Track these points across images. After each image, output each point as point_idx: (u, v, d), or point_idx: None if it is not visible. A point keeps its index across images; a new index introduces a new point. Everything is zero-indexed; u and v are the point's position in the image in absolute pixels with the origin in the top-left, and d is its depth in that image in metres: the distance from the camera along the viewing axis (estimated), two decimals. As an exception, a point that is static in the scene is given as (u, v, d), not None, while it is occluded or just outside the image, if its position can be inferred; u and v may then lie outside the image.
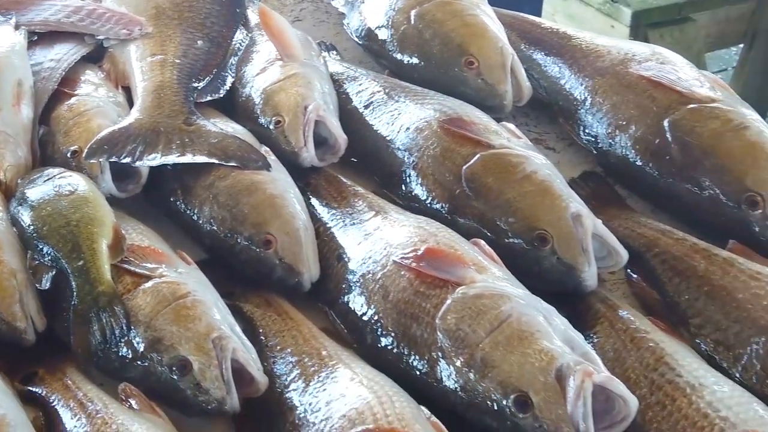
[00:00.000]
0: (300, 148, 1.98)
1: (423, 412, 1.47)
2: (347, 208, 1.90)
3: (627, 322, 1.68)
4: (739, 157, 1.86)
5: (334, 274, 1.78)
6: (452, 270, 1.63)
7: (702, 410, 1.46)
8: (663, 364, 1.56)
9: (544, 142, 2.25)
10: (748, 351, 1.60)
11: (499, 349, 1.49)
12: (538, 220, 1.77)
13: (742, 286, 1.69)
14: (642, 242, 1.87)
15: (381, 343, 1.63)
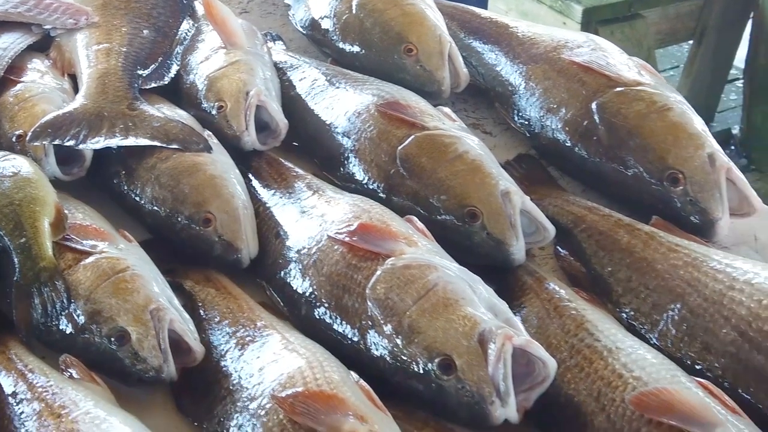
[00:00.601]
0: (242, 132, 2.04)
1: (352, 376, 1.54)
2: (287, 188, 1.97)
3: (552, 292, 1.75)
4: (662, 137, 1.94)
5: (271, 251, 1.84)
6: (383, 243, 1.69)
7: (617, 371, 1.54)
8: (583, 330, 1.64)
9: (481, 126, 2.33)
10: (665, 318, 1.68)
11: (425, 316, 1.56)
12: (468, 197, 1.84)
13: (661, 257, 1.77)
14: (570, 219, 1.95)
15: (315, 314, 1.69)
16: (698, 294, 1.66)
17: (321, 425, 1.40)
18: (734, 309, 1.60)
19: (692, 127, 1.96)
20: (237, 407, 1.51)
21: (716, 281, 1.66)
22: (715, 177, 1.89)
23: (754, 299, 1.59)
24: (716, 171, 1.89)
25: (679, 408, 1.43)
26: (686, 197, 1.89)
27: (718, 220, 1.87)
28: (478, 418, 1.49)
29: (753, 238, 1.98)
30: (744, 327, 1.57)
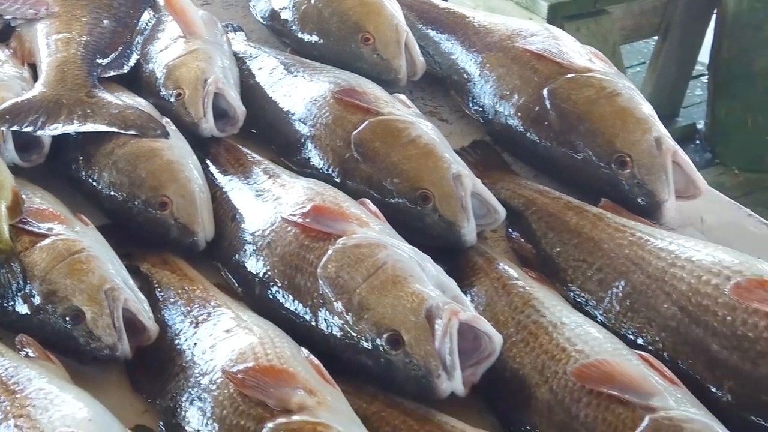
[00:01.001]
0: (199, 119, 2.07)
1: (302, 352, 1.57)
2: (244, 174, 2.00)
3: (501, 272, 1.80)
4: (610, 121, 1.99)
5: (227, 234, 1.88)
6: (335, 224, 1.73)
7: (561, 345, 1.58)
8: (529, 306, 1.68)
9: (438, 114, 2.37)
10: (609, 294, 1.73)
11: (374, 293, 1.60)
12: (421, 180, 1.88)
13: (608, 237, 1.81)
14: (521, 202, 1.99)
15: (268, 293, 1.73)
16: (642, 271, 1.71)
17: (270, 398, 1.43)
18: (675, 285, 1.64)
19: (640, 112, 2.01)
20: (189, 383, 1.54)
21: (659, 259, 1.71)
22: (661, 160, 1.93)
23: (694, 275, 1.64)
24: (663, 154, 1.94)
25: (618, 378, 1.48)
26: (633, 180, 1.94)
27: (665, 201, 1.92)
28: (426, 391, 1.53)
29: (699, 219, 2.03)
30: (684, 302, 1.61)
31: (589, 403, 1.47)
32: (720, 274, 1.61)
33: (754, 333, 1.51)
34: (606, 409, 1.45)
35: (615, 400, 1.45)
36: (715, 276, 1.61)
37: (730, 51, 5.15)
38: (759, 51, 5.02)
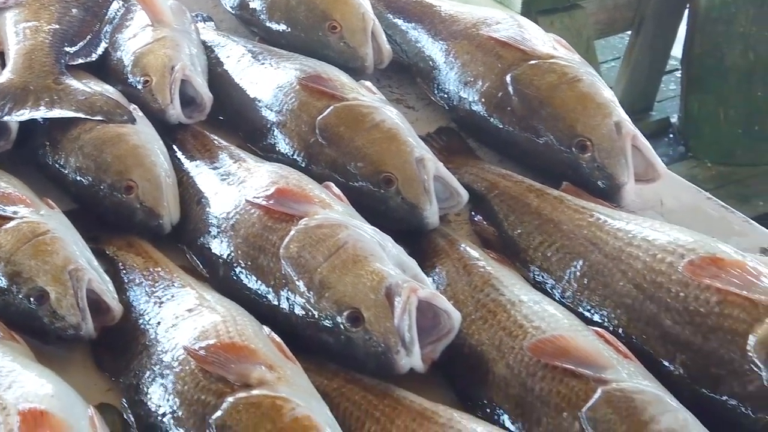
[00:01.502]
0: (167, 105, 2.09)
1: (264, 330, 1.60)
2: (210, 159, 2.02)
3: (463, 253, 1.83)
4: (572, 106, 2.03)
5: (193, 217, 1.90)
6: (298, 206, 1.76)
7: (518, 322, 1.61)
8: (489, 285, 1.71)
9: (404, 101, 2.40)
10: (568, 274, 1.76)
11: (335, 272, 1.63)
12: (384, 163, 1.91)
13: (568, 219, 1.85)
14: (484, 185, 2.03)
15: (232, 274, 1.75)
16: (599, 251, 1.74)
17: (231, 373, 1.46)
18: (631, 263, 1.68)
19: (601, 97, 2.04)
20: (152, 360, 1.57)
21: (616, 239, 1.74)
22: (621, 144, 1.97)
23: (649, 254, 1.67)
24: (622, 138, 1.97)
25: (573, 353, 1.51)
26: (594, 163, 1.97)
27: (624, 184, 1.95)
28: (385, 367, 1.56)
29: (659, 203, 2.06)
30: (639, 279, 1.65)
31: (544, 377, 1.51)
32: (674, 252, 1.65)
33: (706, 308, 1.54)
34: (560, 382, 1.49)
35: (569, 373, 1.49)
36: (670, 254, 1.65)
37: (702, 46, 5.19)
38: (730, 45, 5.07)
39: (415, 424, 1.48)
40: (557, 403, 1.47)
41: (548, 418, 1.47)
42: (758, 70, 5.06)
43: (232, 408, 1.41)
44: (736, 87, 5.13)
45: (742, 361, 1.48)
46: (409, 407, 1.52)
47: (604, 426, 1.41)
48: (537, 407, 1.49)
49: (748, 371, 1.47)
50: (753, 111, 5.16)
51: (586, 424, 1.42)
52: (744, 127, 5.22)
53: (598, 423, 1.41)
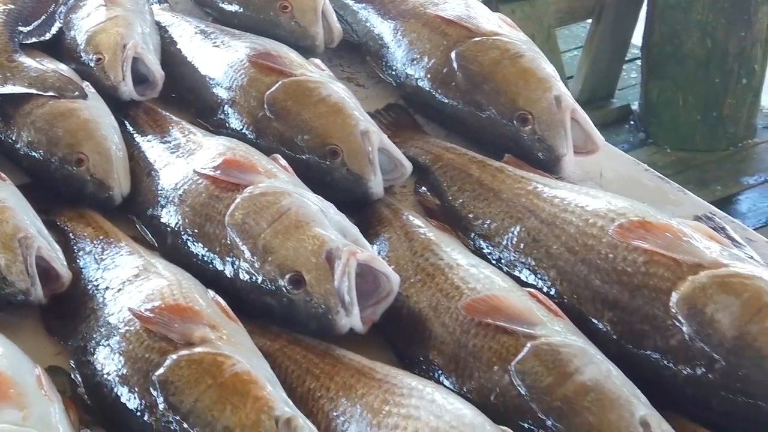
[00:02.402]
0: (119, 82, 2.13)
1: (209, 293, 1.65)
2: (161, 133, 2.07)
3: (405, 221, 1.89)
4: (513, 81, 2.09)
5: (143, 189, 1.95)
6: (244, 176, 1.81)
7: (455, 284, 1.67)
8: (428, 251, 1.77)
9: (355, 80, 2.46)
10: (505, 239, 1.82)
11: (278, 237, 1.68)
12: (329, 136, 1.97)
13: (507, 188, 1.91)
14: (429, 158, 2.09)
15: (179, 242, 1.80)
16: (535, 217, 1.81)
17: (174, 333, 1.51)
18: (564, 228, 1.74)
19: (542, 72, 2.10)
20: (99, 323, 1.62)
21: (552, 206, 1.81)
22: (560, 117, 2.03)
23: (582, 219, 1.74)
24: (562, 111, 2.04)
25: (505, 311, 1.57)
26: (534, 136, 2.04)
27: (564, 156, 2.02)
28: (326, 327, 1.62)
29: (599, 174, 2.13)
30: (572, 243, 1.71)
31: (477, 334, 1.57)
32: (605, 217, 1.71)
33: (633, 268, 1.61)
34: (492, 338, 1.55)
35: (501, 330, 1.55)
36: (601, 219, 1.71)
37: (661, 33, 5.29)
38: (688, 32, 5.17)
39: (353, 380, 1.54)
40: (489, 358, 1.53)
41: (480, 373, 1.53)
42: (715, 57, 5.16)
43: (175, 365, 1.47)
44: (694, 74, 5.23)
45: (665, 317, 1.55)
46: (348, 365, 1.58)
47: (532, 378, 1.47)
48: (470, 363, 1.55)
49: (671, 326, 1.54)
50: (710, 97, 5.27)
51: (515, 377, 1.48)
52: (702, 114, 5.32)
53: (526, 375, 1.48)
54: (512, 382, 1.49)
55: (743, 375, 1.47)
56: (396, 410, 1.44)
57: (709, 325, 1.50)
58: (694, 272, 1.56)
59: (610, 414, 1.42)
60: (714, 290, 1.53)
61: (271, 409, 1.41)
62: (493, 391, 1.50)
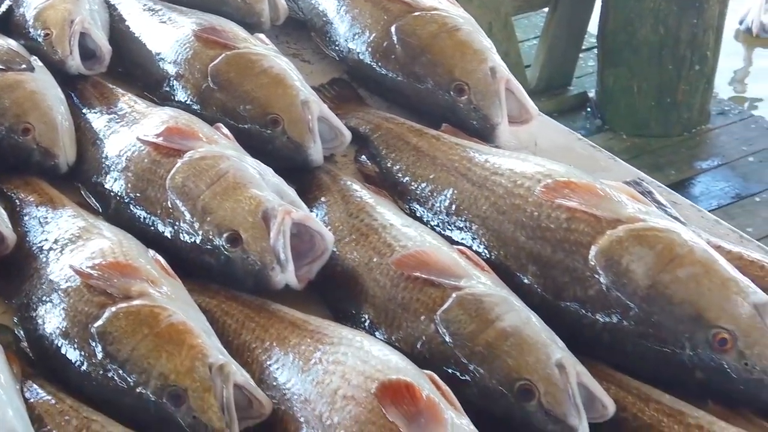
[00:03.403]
0: (66, 56, 2.18)
1: (149, 252, 1.71)
2: (107, 105, 2.12)
3: (343, 186, 1.96)
4: (450, 53, 2.16)
5: (88, 157, 2.00)
6: (185, 142, 1.87)
7: (387, 242, 1.74)
8: (364, 212, 1.84)
9: (301, 56, 2.52)
10: (439, 201, 1.89)
11: (216, 199, 1.75)
12: (271, 106, 2.03)
13: (443, 154, 1.98)
14: (369, 127, 2.16)
15: (122, 206, 1.87)
16: (467, 180, 1.88)
17: (113, 287, 1.57)
18: (494, 189, 1.82)
19: (478, 44, 2.18)
20: (42, 281, 1.67)
21: (483, 169, 1.88)
22: (495, 87, 2.11)
23: (511, 180, 1.81)
24: (497, 82, 2.11)
25: (432, 266, 1.65)
26: (470, 105, 2.11)
27: (498, 124, 2.10)
28: (262, 283, 1.68)
29: (534, 143, 2.21)
30: (500, 203, 1.79)
31: (406, 288, 1.64)
32: (532, 178, 1.79)
33: (556, 224, 1.69)
34: (420, 291, 1.62)
35: (428, 283, 1.62)
36: (528, 180, 1.79)
37: (615, 21, 5.38)
38: (641, 20, 5.26)
39: (287, 331, 1.60)
40: (416, 309, 1.60)
41: (408, 323, 1.60)
42: (668, 44, 5.26)
43: (113, 316, 1.53)
44: (647, 61, 5.32)
45: (584, 269, 1.63)
46: (283, 318, 1.64)
47: (455, 326, 1.55)
48: (398, 314, 1.62)
49: (589, 277, 1.61)
50: (664, 84, 5.37)
51: (440, 325, 1.56)
52: (656, 100, 5.43)
53: (450, 323, 1.55)
54: (437, 330, 1.56)
55: (656, 321, 1.55)
56: (326, 357, 1.51)
57: (624, 275, 1.58)
58: (612, 227, 1.64)
59: (528, 357, 1.50)
60: (630, 243, 1.61)
61: (205, 356, 1.48)
62: (420, 339, 1.58)
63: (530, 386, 1.47)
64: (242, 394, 1.48)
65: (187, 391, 1.45)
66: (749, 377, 1.48)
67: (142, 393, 1.47)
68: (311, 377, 1.49)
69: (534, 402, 1.46)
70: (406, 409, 1.36)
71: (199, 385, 1.45)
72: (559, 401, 1.45)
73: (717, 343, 1.50)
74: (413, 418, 1.35)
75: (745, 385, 1.49)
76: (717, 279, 1.55)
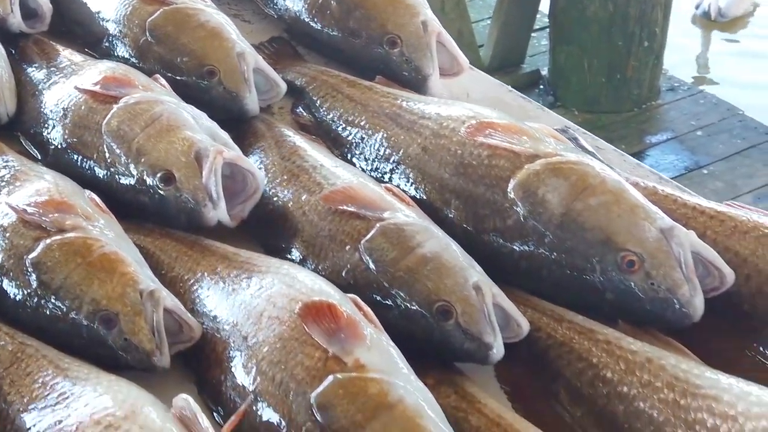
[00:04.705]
0: (7, 14, 2.23)
1: (85, 192, 1.77)
2: (47, 60, 2.17)
3: (277, 132, 2.02)
4: (382, 8, 2.23)
5: (28, 108, 2.06)
6: (122, 89, 1.92)
7: (317, 181, 1.81)
8: (296, 155, 1.91)
9: (241, 16, 2.58)
10: (369, 144, 1.96)
11: (150, 140, 1.81)
12: (207, 57, 2.09)
13: (374, 102, 2.05)
14: (305, 80, 2.22)
15: (60, 152, 1.92)
16: (395, 123, 1.95)
17: (48, 221, 1.62)
18: (421, 132, 1.89)
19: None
20: (-22, 221, 1.72)
21: (412, 114, 1.95)
22: (426, 40, 2.18)
23: (437, 123, 1.88)
24: (428, 35, 2.18)
25: (358, 200, 1.71)
26: (403, 57, 2.18)
27: (430, 75, 2.17)
28: (195, 220, 1.75)
29: (465, 95, 2.28)
30: (426, 143, 1.86)
31: (332, 221, 1.71)
32: (458, 120, 1.87)
33: (477, 161, 1.77)
34: (346, 223, 1.69)
35: (354, 216, 1.69)
36: (454, 122, 1.87)
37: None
38: (591, -3, 5.36)
39: (218, 263, 1.67)
40: (342, 240, 1.67)
41: (333, 253, 1.67)
42: (617, 21, 5.35)
43: (47, 248, 1.59)
44: (597, 37, 5.41)
45: (503, 201, 1.70)
46: (215, 252, 1.71)
47: (378, 253, 1.62)
48: (325, 245, 1.69)
49: (508, 209, 1.69)
50: (614, 60, 5.46)
51: (363, 254, 1.63)
52: (607, 77, 5.52)
53: (373, 251, 1.62)
54: (361, 258, 1.63)
55: (569, 247, 1.63)
56: (254, 284, 1.58)
57: (540, 205, 1.66)
58: (530, 161, 1.72)
59: (446, 280, 1.57)
60: (546, 175, 1.69)
61: (136, 283, 1.54)
62: (345, 267, 1.65)
63: (448, 307, 1.54)
64: (173, 319, 1.54)
65: (119, 315, 1.51)
66: (655, 296, 1.57)
67: (75, 318, 1.53)
68: (239, 302, 1.55)
69: (452, 321, 1.54)
70: (327, 326, 1.43)
71: (130, 309, 1.51)
72: (475, 320, 1.53)
73: (625, 265, 1.58)
74: (333, 333, 1.42)
75: (651, 304, 1.57)
76: (626, 206, 1.63)
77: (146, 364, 1.50)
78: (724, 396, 1.38)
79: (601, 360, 1.51)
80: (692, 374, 1.44)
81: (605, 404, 1.47)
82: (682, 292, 1.55)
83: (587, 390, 1.50)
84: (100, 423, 1.30)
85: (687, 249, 1.57)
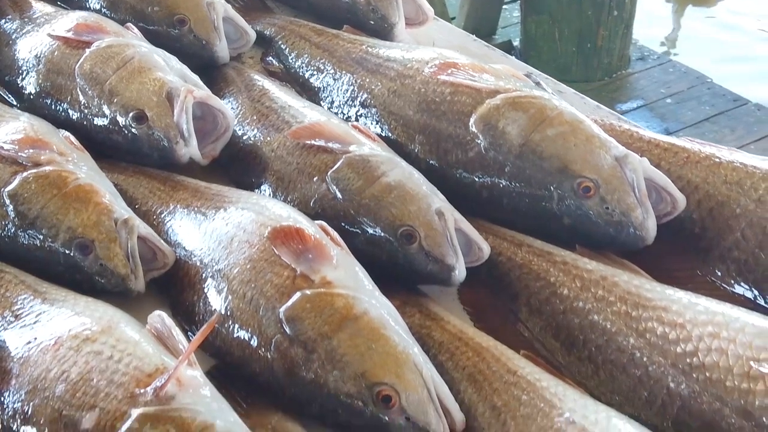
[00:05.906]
0: (-20, -31, 2.27)
1: (60, 132, 1.83)
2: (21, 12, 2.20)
3: (247, 77, 2.08)
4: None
5: (3, 57, 2.10)
6: (93, 35, 1.97)
7: (286, 119, 1.88)
8: (265, 97, 1.97)
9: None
10: (337, 89, 2.02)
11: (122, 82, 1.86)
12: (177, 6, 2.14)
13: (342, 49, 2.11)
14: (274, 30, 2.28)
15: (34, 96, 1.96)
16: (362, 68, 2.01)
17: (23, 156, 1.67)
18: (386, 74, 1.95)
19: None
20: (-45, 159, 1.77)
21: (378, 58, 2.02)
22: (391, -12, 2.24)
23: (402, 64, 1.95)
24: (392, -16, 2.25)
25: (326, 135, 1.77)
26: (369, 6, 2.24)
27: (395, 24, 2.23)
28: (167, 157, 1.80)
29: (432, 44, 2.34)
30: (391, 84, 1.92)
31: (300, 154, 1.77)
32: (422, 61, 1.93)
33: (440, 98, 1.83)
34: (314, 156, 1.75)
35: (321, 150, 1.75)
36: (418, 63, 1.93)
37: (536, -30, 5.54)
38: (561, -34, 5.42)
39: (190, 197, 1.73)
40: (309, 172, 1.73)
41: (302, 185, 1.74)
42: (587, -10, 5.43)
43: (23, 180, 1.64)
44: (568, 7, 5.47)
45: (465, 134, 1.77)
46: (187, 186, 1.77)
47: (344, 183, 1.68)
48: (294, 178, 1.75)
49: (470, 141, 1.76)
50: (584, 30, 5.52)
51: (330, 184, 1.69)
52: (577, 46, 5.58)
53: (339, 181, 1.69)
54: (329, 188, 1.69)
55: (528, 176, 1.69)
56: (225, 213, 1.64)
57: (500, 137, 1.73)
58: (491, 97, 1.78)
59: (410, 206, 1.63)
60: (506, 108, 1.75)
61: (110, 212, 1.60)
62: (313, 197, 1.71)
63: (412, 231, 1.61)
64: (147, 247, 1.60)
65: (94, 242, 1.57)
66: (610, 220, 1.63)
67: (51, 246, 1.59)
68: (210, 229, 1.61)
69: (416, 245, 1.60)
70: (295, 247, 1.49)
71: (105, 236, 1.57)
72: (438, 243, 1.60)
73: (582, 191, 1.65)
74: (301, 254, 1.48)
75: (606, 227, 1.64)
76: (582, 136, 1.70)
77: (121, 287, 1.56)
78: (673, 306, 1.45)
79: (558, 279, 1.58)
80: (644, 288, 1.51)
81: (562, 319, 1.54)
82: (635, 215, 1.62)
83: (545, 307, 1.57)
84: (78, 337, 1.35)
85: (640, 175, 1.63)
